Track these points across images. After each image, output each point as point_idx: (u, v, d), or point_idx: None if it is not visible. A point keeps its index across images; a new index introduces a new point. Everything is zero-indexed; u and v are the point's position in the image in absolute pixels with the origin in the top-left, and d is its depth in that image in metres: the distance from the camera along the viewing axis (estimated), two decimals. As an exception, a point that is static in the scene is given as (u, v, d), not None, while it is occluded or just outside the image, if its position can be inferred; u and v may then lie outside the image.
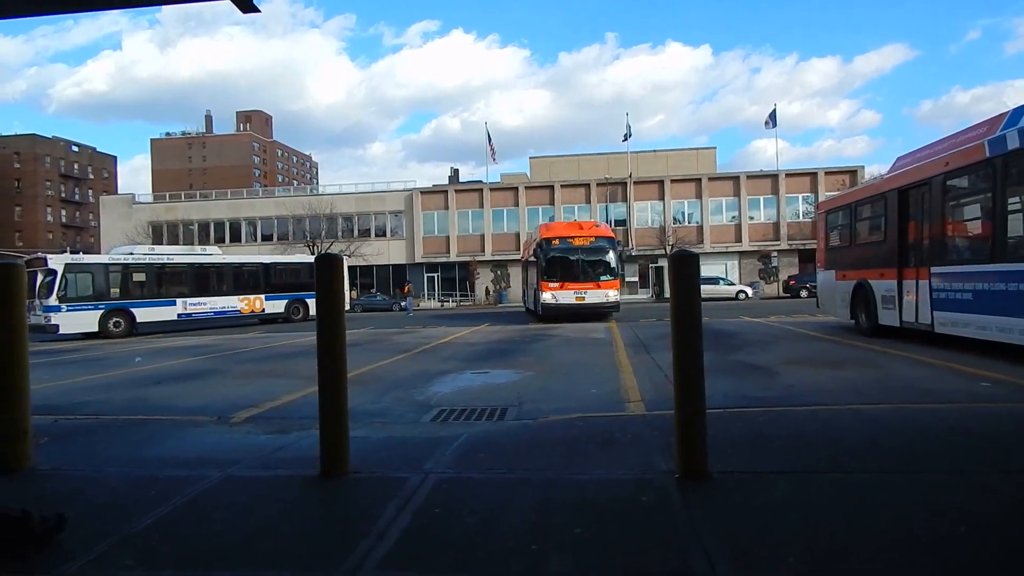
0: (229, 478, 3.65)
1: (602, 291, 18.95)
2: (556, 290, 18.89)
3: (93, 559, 2.59)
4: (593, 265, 19.41)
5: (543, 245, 19.50)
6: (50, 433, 4.97)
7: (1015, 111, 8.08)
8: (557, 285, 18.95)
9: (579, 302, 18.74)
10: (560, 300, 18.80)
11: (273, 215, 48.90)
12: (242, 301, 24.82)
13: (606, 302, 18.97)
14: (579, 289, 18.88)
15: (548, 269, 19.30)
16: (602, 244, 19.54)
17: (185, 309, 22.96)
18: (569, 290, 18.83)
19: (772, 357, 8.98)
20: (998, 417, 4.73)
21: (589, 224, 21.21)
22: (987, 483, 3.14)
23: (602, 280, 19.17)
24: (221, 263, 25.28)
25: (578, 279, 19.02)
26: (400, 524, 2.86)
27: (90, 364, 11.72)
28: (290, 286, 26.39)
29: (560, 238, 19.64)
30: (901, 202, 10.24)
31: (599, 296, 18.87)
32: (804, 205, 42.80)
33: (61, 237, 79.42)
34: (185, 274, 23.66)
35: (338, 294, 3.73)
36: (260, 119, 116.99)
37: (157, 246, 27.68)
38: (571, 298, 18.73)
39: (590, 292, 18.87)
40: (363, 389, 7.21)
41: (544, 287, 19.18)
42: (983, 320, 7.95)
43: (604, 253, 19.51)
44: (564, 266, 19.32)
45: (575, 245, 19.38)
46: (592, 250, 19.47)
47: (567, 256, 19.42)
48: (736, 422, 4.58)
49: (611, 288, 19.12)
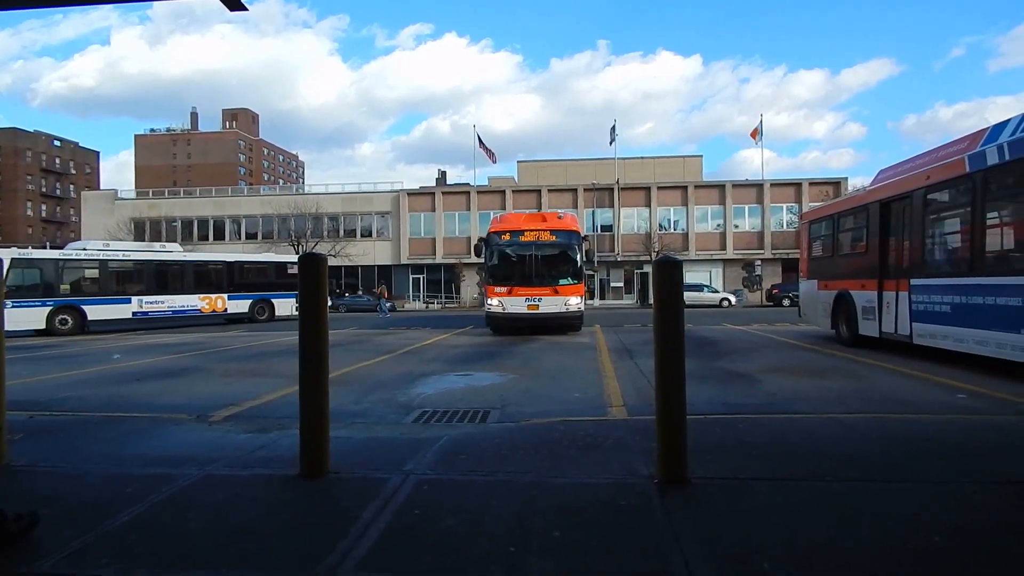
0: (208, 477, 3.62)
1: (560, 298, 15.47)
2: (503, 296, 15.53)
3: (66, 556, 2.56)
4: (551, 266, 15.98)
5: (490, 240, 16.15)
6: (26, 429, 4.90)
7: (995, 127, 8.21)
8: (505, 290, 15.57)
9: (531, 311, 15.35)
10: (508, 309, 15.46)
11: (258, 214, 48.57)
12: (203, 300, 24.10)
13: (565, 311, 15.47)
14: (532, 295, 15.44)
15: (495, 270, 16.05)
16: (563, 240, 15.90)
17: (141, 307, 22.22)
18: (519, 296, 15.43)
19: (754, 365, 9.04)
20: (975, 428, 4.80)
21: (551, 215, 17.47)
22: (963, 493, 3.18)
23: (561, 284, 15.64)
24: (181, 260, 24.53)
25: (531, 283, 15.55)
26: (380, 525, 2.85)
27: (67, 360, 11.55)
28: (255, 285, 25.72)
29: (511, 232, 16.14)
30: (883, 214, 10.38)
31: (556, 304, 15.44)
32: (788, 215, 43.24)
33: (41, 232, 78.35)
34: (142, 271, 22.94)
35: (321, 293, 3.71)
36: (247, 117, 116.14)
37: (115, 242, 26.92)
38: (522, 306, 15.37)
39: (546, 299, 15.44)
40: (345, 389, 7.17)
41: (489, 292, 15.96)
42: (960, 333, 8.07)
43: (565, 251, 15.99)
44: (514, 266, 16.04)
45: (529, 241, 15.84)
46: (551, 247, 15.97)
47: (519, 254, 16.08)
48: (717, 429, 4.61)
49: (572, 294, 15.63)
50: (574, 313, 15.62)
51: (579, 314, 15.78)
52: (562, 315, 15.47)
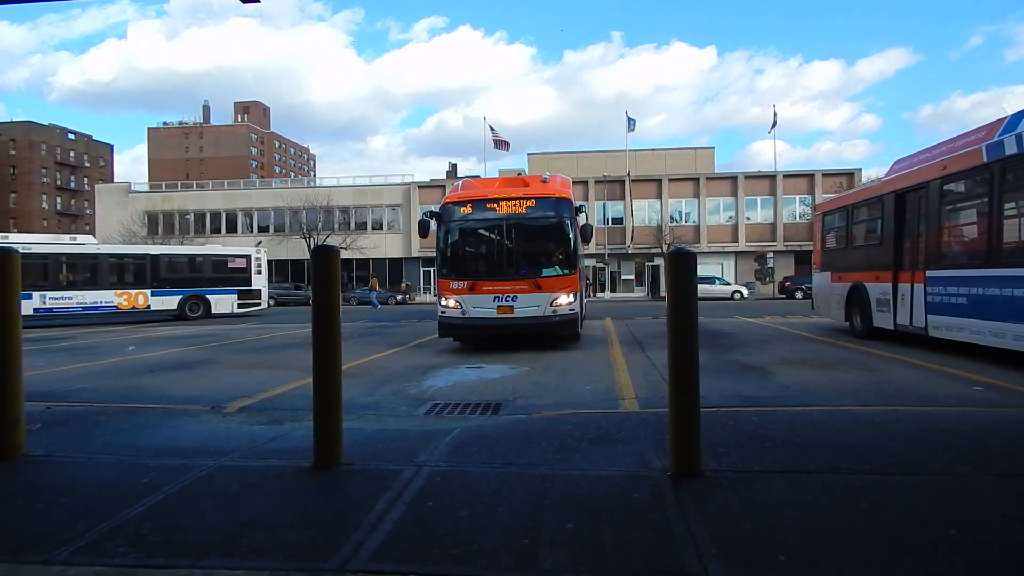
0: (222, 468, 3.64)
1: (545, 295, 10.53)
2: (463, 294, 10.70)
3: (83, 546, 2.59)
4: (532, 249, 11.20)
5: (445, 215, 11.11)
6: (43, 420, 4.96)
7: (1013, 116, 8.08)
8: (465, 285, 10.75)
9: (503, 316, 10.55)
10: (471, 312, 10.62)
11: (270, 206, 48.73)
12: (120, 296, 22.52)
13: (552, 315, 10.53)
14: (504, 291, 10.60)
15: (451, 257, 11.25)
16: (549, 212, 10.97)
17: (44, 303, 20.87)
18: (486, 294, 10.63)
19: (767, 357, 8.99)
20: (991, 421, 4.75)
21: (534, 179, 12.19)
22: (980, 487, 3.15)
23: (545, 276, 10.74)
24: (93, 254, 23.00)
25: (503, 274, 10.73)
26: (392, 516, 2.85)
27: (83, 352, 11.67)
28: (187, 280, 24.01)
29: (475, 202, 11.13)
30: (898, 205, 10.26)
31: (538, 304, 10.51)
32: (801, 207, 42.88)
33: (56, 225, 79.09)
34: (46, 265, 21.57)
35: (334, 286, 3.72)
36: (258, 110, 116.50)
37: (13, 234, 25.37)
38: (489, 308, 10.57)
39: (524, 298, 10.54)
40: (357, 382, 7.21)
41: (443, 289, 11.01)
42: (977, 325, 7.97)
43: (553, 227, 11.03)
44: (479, 251, 11.68)
45: (501, 214, 10.86)
46: (532, 222, 11.01)
47: (486, 233, 11.48)
48: (730, 422, 4.58)
49: (562, 289, 10.66)
50: (566, 316, 10.60)
51: (573, 318, 10.72)
52: (547, 319, 10.51)
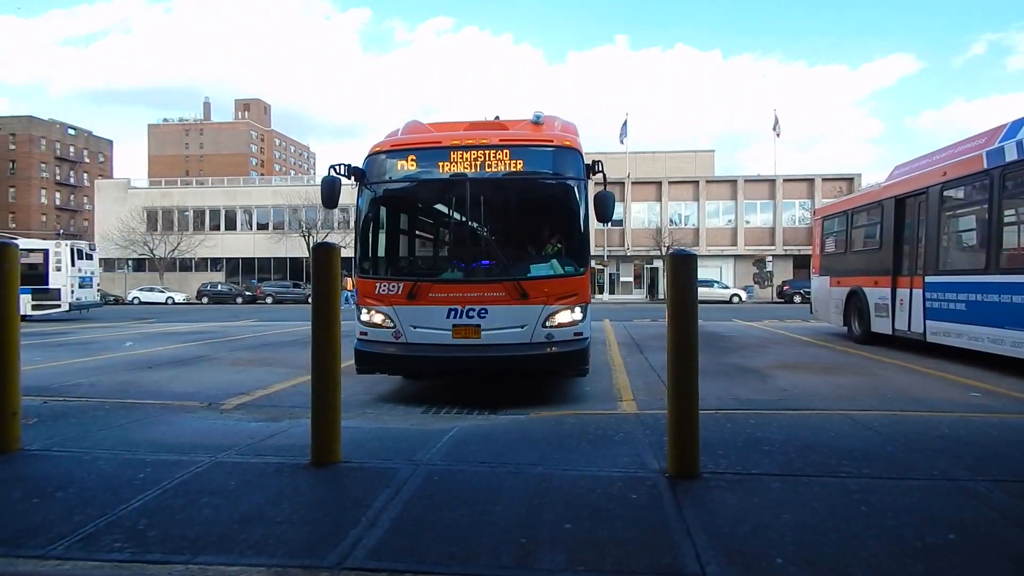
0: (219, 464, 3.64)
1: (533, 308, 5.84)
2: (396, 303, 6.01)
3: (79, 540, 2.58)
4: (511, 232, 6.89)
5: (371, 172, 6.23)
6: (39, 414, 4.94)
7: (1014, 123, 8.09)
8: (399, 290, 6.04)
9: (464, 341, 5.85)
10: (409, 333, 5.94)
11: (269, 204, 48.71)
12: None
13: (545, 344, 5.85)
14: (466, 301, 5.89)
15: (377, 241, 6.80)
16: (542, 170, 6.26)
17: None
18: (434, 304, 5.92)
19: (765, 361, 8.99)
20: (989, 427, 4.75)
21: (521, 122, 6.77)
22: (977, 491, 3.15)
23: (533, 277, 6.07)
24: None
25: (464, 273, 6.18)
26: (390, 514, 2.85)
27: (80, 347, 11.64)
28: None
29: (421, 151, 6.22)
30: (897, 211, 10.27)
31: (522, 323, 5.84)
32: (800, 211, 42.92)
33: (55, 219, 79.01)
34: None
35: (334, 283, 3.71)
36: (259, 107, 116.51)
37: None
38: (440, 328, 5.87)
39: (498, 311, 5.85)
40: (355, 380, 7.18)
41: (364, 294, 6.23)
42: (975, 331, 7.98)
43: (548, 200, 6.59)
44: (424, 233, 8.26)
45: (461, 172, 6.03)
46: (512, 186, 6.34)
47: (436, 206, 7.61)
48: (728, 424, 4.58)
49: (564, 300, 5.92)
50: (568, 345, 5.95)
51: (580, 347, 5.99)
52: (536, 351, 5.89)
